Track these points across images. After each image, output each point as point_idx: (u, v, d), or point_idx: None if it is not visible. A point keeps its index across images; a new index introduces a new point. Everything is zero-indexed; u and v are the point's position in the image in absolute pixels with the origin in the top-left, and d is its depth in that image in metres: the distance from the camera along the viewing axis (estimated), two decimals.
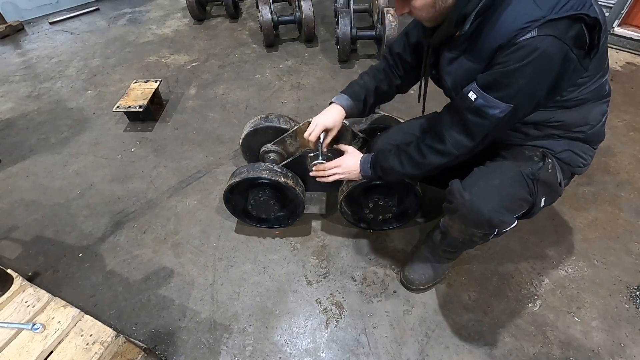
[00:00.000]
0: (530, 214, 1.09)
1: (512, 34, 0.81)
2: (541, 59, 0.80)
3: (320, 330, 1.33)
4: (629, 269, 1.46)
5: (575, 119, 1.01)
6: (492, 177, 1.03)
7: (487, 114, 0.90)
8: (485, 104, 0.89)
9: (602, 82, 0.97)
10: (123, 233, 1.69)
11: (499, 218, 1.00)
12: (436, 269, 1.39)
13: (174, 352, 1.29)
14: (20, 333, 1.06)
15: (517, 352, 1.25)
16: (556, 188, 1.09)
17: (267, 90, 2.57)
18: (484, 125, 0.93)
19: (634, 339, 1.27)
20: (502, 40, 0.83)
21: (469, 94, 0.91)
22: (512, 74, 0.83)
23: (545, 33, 0.78)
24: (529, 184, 1.03)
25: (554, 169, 1.06)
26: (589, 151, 1.11)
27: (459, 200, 1.03)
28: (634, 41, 2.70)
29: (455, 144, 0.99)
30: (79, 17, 3.81)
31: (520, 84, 0.84)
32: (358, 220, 1.61)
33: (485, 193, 1.01)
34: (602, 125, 1.07)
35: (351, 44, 2.65)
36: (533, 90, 0.86)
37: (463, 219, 1.06)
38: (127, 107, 2.17)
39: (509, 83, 0.85)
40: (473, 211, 1.01)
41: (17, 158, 2.13)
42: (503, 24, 0.83)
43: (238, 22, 3.53)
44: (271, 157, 1.63)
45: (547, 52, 0.79)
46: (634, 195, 1.73)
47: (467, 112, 0.94)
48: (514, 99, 0.86)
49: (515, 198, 1.02)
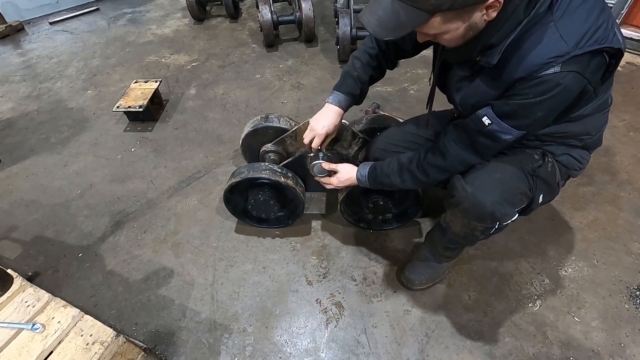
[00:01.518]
0: (528, 209, 1.10)
1: (536, 67, 0.80)
2: (561, 94, 0.81)
3: (320, 330, 1.33)
4: (629, 269, 1.46)
5: (577, 130, 1.03)
6: (493, 171, 1.04)
7: (499, 138, 0.91)
8: (498, 129, 0.90)
9: (607, 96, 0.98)
10: (123, 233, 1.69)
11: (500, 210, 1.00)
12: (436, 269, 1.39)
13: (174, 352, 1.29)
14: (20, 333, 1.06)
15: (517, 352, 1.25)
16: (554, 187, 1.10)
17: (267, 90, 2.57)
18: (494, 148, 0.96)
19: (634, 339, 1.27)
20: (524, 73, 0.82)
21: (482, 118, 0.91)
22: (532, 107, 0.84)
23: (568, 69, 0.78)
24: (529, 180, 1.04)
25: (553, 168, 1.08)
26: (586, 156, 1.13)
27: (461, 193, 1.04)
28: (634, 41, 2.70)
29: (462, 162, 1.02)
30: (79, 17, 3.81)
31: (538, 115, 0.85)
32: (358, 220, 1.61)
33: (488, 186, 1.01)
34: (602, 132, 1.10)
35: (351, 44, 2.65)
36: (547, 118, 0.89)
37: (465, 212, 1.06)
38: (127, 107, 2.17)
39: (526, 114, 0.86)
40: (475, 204, 1.01)
41: (17, 158, 2.13)
42: (527, 56, 0.81)
43: (238, 22, 3.53)
44: (271, 157, 1.63)
45: (568, 88, 0.80)
46: (634, 195, 1.73)
47: (478, 135, 0.95)
48: (528, 127, 0.88)
49: (516, 192, 1.03)
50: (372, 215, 1.50)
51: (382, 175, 1.17)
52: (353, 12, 2.67)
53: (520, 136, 0.91)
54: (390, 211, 1.49)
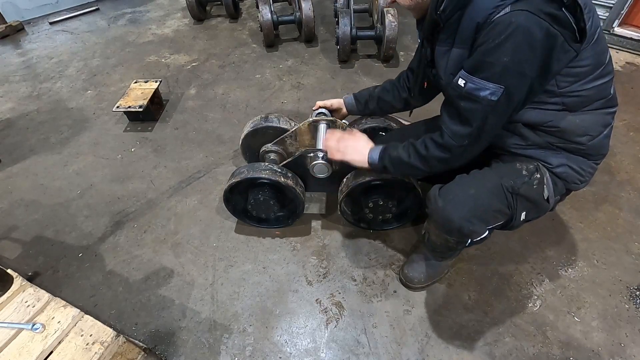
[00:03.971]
0: (509, 226, 1.09)
1: (488, 12, 0.83)
2: (518, 33, 0.79)
3: (320, 330, 1.33)
4: (629, 269, 1.46)
5: (574, 126, 0.99)
6: (469, 186, 1.04)
7: (477, 96, 0.89)
8: (474, 87, 0.88)
9: (604, 82, 0.95)
10: (123, 233, 1.69)
11: (468, 227, 1.01)
12: (435, 267, 1.39)
13: (174, 352, 1.29)
14: (20, 333, 1.06)
15: (517, 352, 1.25)
16: (540, 204, 1.07)
17: (267, 90, 2.57)
18: (477, 110, 0.91)
19: (634, 339, 1.27)
20: (479, 19, 0.85)
21: (458, 82, 0.91)
22: (493, 52, 0.83)
23: (518, 8, 0.79)
24: (508, 197, 1.03)
25: (540, 185, 1.04)
26: (588, 167, 1.08)
27: (433, 205, 1.06)
28: (634, 41, 2.70)
29: (453, 135, 0.98)
30: (79, 17, 3.81)
31: (504, 61, 0.83)
32: (358, 220, 1.61)
33: (459, 201, 1.02)
34: (605, 137, 1.04)
35: (351, 44, 2.65)
36: (520, 68, 0.83)
37: (436, 225, 1.10)
38: (127, 107, 2.17)
39: (492, 62, 0.84)
40: (444, 218, 1.03)
41: (17, 158, 2.13)
42: (479, 4, 0.85)
43: (238, 22, 3.53)
44: (271, 157, 1.63)
45: (523, 26, 0.79)
46: (634, 195, 1.73)
47: (460, 100, 0.93)
48: (502, 79, 0.85)
49: (489, 209, 1.03)
50: (372, 215, 1.50)
51: (392, 148, 1.14)
52: (353, 12, 2.67)
53: (503, 94, 0.86)
54: (390, 211, 1.49)
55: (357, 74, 2.69)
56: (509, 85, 0.85)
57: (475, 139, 0.96)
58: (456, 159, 1.02)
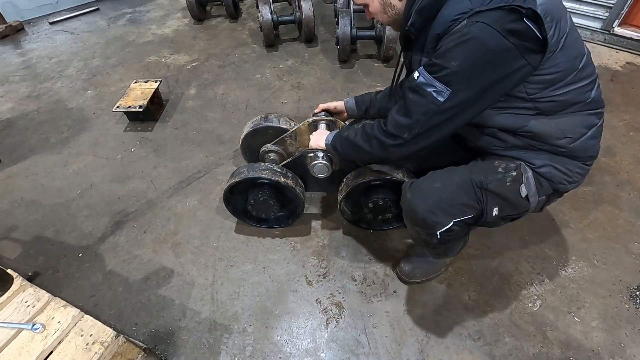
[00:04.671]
0: (484, 221, 1.09)
1: (447, 24, 0.89)
2: (469, 41, 0.83)
3: (320, 330, 1.33)
4: (629, 269, 1.46)
5: (549, 130, 0.98)
6: (436, 180, 1.09)
7: (424, 91, 0.91)
8: (424, 81, 0.91)
9: (579, 87, 0.93)
10: (123, 233, 1.69)
11: (432, 218, 1.05)
12: (431, 264, 1.40)
13: (174, 352, 1.29)
14: (20, 333, 1.06)
15: (517, 352, 1.25)
16: (514, 202, 1.05)
17: (267, 90, 2.57)
18: (420, 104, 0.93)
19: (634, 339, 1.27)
20: (439, 30, 0.91)
21: (414, 75, 0.95)
22: (444, 54, 0.87)
23: (473, 21, 0.83)
24: (477, 192, 1.04)
25: (515, 183, 1.03)
26: (576, 168, 1.06)
27: (403, 198, 1.14)
28: (634, 41, 2.71)
29: (395, 124, 1.00)
30: (79, 17, 3.81)
31: (452, 65, 0.85)
32: (358, 220, 1.61)
33: (424, 194, 1.08)
34: (590, 139, 1.01)
35: (351, 44, 2.65)
36: (468, 74, 0.86)
37: (406, 216, 1.16)
38: (127, 107, 2.17)
39: (441, 64, 0.87)
40: (411, 209, 1.09)
41: (17, 158, 2.13)
42: (440, 17, 0.91)
43: (238, 22, 3.53)
44: (271, 157, 1.63)
45: (475, 36, 0.82)
46: (634, 195, 1.73)
47: (409, 91, 0.96)
48: (450, 82, 0.87)
49: (454, 202, 1.05)
50: (372, 215, 1.50)
51: (344, 130, 1.23)
52: (353, 12, 2.67)
53: (450, 97, 0.88)
54: (390, 211, 1.49)
55: (357, 74, 2.69)
56: (455, 89, 0.88)
57: (415, 137, 0.98)
58: (393, 149, 1.04)
